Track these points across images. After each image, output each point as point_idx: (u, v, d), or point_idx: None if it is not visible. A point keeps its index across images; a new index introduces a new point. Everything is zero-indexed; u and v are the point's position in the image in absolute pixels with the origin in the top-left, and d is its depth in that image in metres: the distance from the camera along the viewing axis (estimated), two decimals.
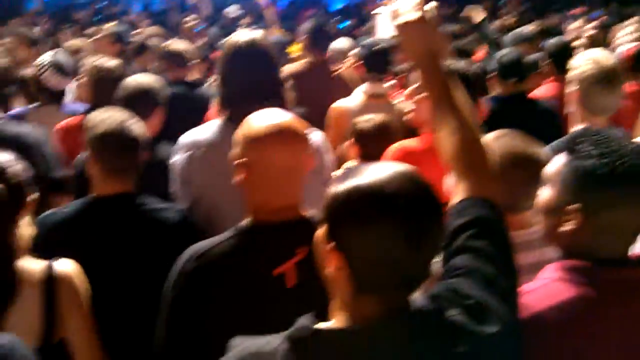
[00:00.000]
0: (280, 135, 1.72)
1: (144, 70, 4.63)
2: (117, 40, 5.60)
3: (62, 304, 1.89)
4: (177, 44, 4.61)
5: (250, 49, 2.45)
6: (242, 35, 2.52)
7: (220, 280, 1.68)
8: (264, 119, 1.75)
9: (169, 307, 1.73)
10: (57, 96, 3.90)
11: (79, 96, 3.90)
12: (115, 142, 2.26)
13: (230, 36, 2.61)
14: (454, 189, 1.50)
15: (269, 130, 1.72)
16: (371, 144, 2.98)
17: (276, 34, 6.77)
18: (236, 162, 1.75)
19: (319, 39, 4.64)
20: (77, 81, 3.96)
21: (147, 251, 2.23)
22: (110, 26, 5.82)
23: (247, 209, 1.77)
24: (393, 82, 4.24)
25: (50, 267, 1.91)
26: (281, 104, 2.26)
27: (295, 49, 6.15)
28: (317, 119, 3.53)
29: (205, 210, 2.34)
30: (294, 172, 1.74)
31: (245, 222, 1.76)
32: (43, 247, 1.99)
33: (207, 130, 2.45)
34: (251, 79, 2.40)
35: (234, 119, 2.32)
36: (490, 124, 2.06)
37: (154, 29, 6.54)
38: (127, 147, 2.28)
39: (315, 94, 3.98)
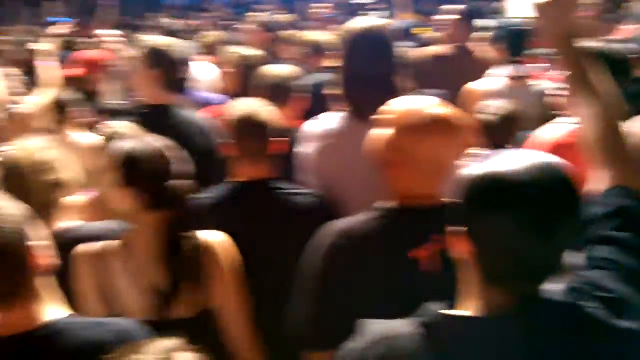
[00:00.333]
0: (441, 127, 1.71)
1: (283, 59, 4.77)
2: (266, 30, 5.67)
3: (207, 273, 2.00)
4: (314, 33, 4.71)
5: (366, 36, 2.46)
6: (359, 22, 2.54)
7: (364, 258, 1.70)
8: (423, 108, 1.73)
9: (317, 279, 1.76)
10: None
11: (226, 86, 4.06)
12: (249, 128, 2.36)
13: (348, 23, 2.61)
14: (596, 177, 1.47)
15: (430, 122, 1.70)
16: (495, 133, 2.94)
17: (405, 18, 6.74)
18: (389, 149, 1.74)
19: (470, 21, 4.60)
20: (221, 71, 4.15)
21: (284, 235, 2.31)
22: (258, 15, 5.92)
23: (391, 192, 1.77)
24: (542, 65, 4.13)
25: (198, 238, 2.03)
26: (396, 93, 2.25)
27: (420, 31, 6.10)
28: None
29: (333, 200, 2.39)
30: (447, 163, 1.72)
31: (390, 204, 1.76)
32: None
33: (333, 120, 2.49)
34: (365, 67, 2.41)
35: (358, 110, 2.37)
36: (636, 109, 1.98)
37: (287, 17, 6.70)
38: (260, 133, 2.37)
39: (462, 76, 3.96)
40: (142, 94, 3.19)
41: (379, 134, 1.78)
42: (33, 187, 2.07)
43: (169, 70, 3.08)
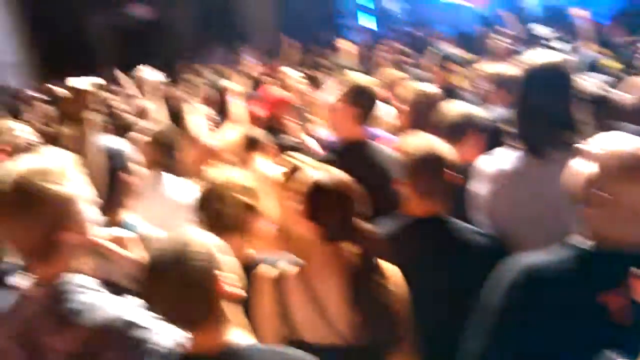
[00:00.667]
0: None
1: (462, 93, 4.74)
2: (444, 65, 5.61)
3: (382, 304, 2.04)
4: (495, 66, 4.63)
5: (543, 72, 2.40)
6: (537, 56, 2.48)
7: (550, 298, 1.66)
8: (637, 152, 1.64)
9: (496, 315, 1.73)
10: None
11: (402, 122, 4.11)
12: (425, 167, 2.40)
13: (525, 57, 2.55)
14: None
15: None
16: None
17: (591, 50, 6.43)
18: (591, 187, 1.67)
19: None
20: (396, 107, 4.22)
21: (456, 272, 2.31)
22: (437, 50, 5.90)
23: (585, 230, 1.71)
24: None
25: (376, 270, 2.08)
26: (575, 130, 2.18)
27: (607, 63, 5.80)
28: None
29: (505, 240, 2.37)
30: None
31: (582, 243, 1.70)
32: None
33: (508, 159, 2.45)
34: (541, 104, 2.35)
35: (533, 148, 2.32)
36: None
37: (466, 52, 6.65)
38: (435, 172, 2.39)
39: None
40: (337, 129, 3.34)
41: (581, 170, 1.70)
42: (228, 205, 2.24)
43: (369, 107, 3.23)
